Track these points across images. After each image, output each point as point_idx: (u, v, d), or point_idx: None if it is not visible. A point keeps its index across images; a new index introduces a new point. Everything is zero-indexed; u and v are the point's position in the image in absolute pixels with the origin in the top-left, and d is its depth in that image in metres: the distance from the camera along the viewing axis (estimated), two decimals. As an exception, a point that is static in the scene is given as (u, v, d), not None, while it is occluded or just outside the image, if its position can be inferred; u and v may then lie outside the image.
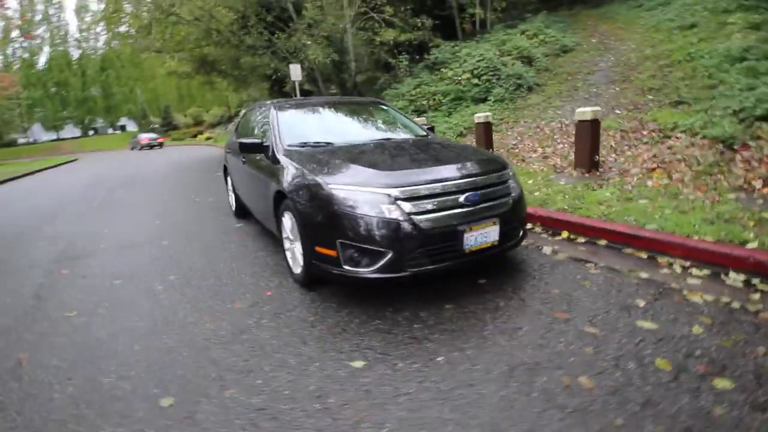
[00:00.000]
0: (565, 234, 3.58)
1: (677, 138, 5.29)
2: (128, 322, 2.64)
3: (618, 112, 7.09)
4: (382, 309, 2.53)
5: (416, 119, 6.23)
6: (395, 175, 2.52)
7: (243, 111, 5.07)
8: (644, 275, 2.71)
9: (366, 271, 2.40)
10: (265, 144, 3.43)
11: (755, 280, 2.48)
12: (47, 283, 3.47)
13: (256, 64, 12.40)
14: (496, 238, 2.57)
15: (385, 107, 4.30)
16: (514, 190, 2.80)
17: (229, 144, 5.09)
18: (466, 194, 2.50)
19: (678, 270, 2.74)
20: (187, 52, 14.30)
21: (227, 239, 4.36)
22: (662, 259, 2.91)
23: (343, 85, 14.89)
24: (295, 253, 2.97)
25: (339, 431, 1.59)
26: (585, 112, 4.58)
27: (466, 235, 2.43)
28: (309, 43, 11.55)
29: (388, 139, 3.54)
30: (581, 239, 3.45)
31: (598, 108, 4.68)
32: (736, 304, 2.27)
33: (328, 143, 3.32)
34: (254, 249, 3.95)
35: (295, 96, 11.36)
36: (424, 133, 3.86)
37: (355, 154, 2.97)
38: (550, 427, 1.53)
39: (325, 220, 2.49)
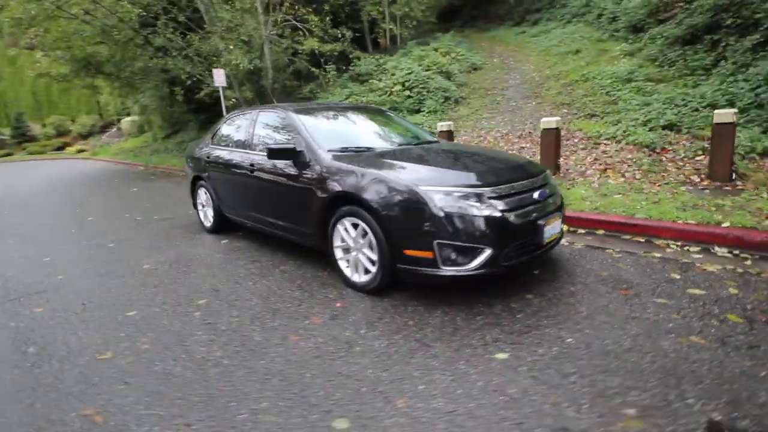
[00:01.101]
0: (565, 227, 4.07)
1: (606, 144, 6.32)
2: (198, 354, 2.30)
3: (545, 122, 8.13)
4: (473, 305, 2.62)
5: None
6: (479, 175, 2.66)
7: (226, 117, 4.65)
8: (657, 255, 3.26)
9: (466, 269, 2.48)
10: (298, 149, 3.25)
11: (736, 251, 3.18)
12: (25, 326, 2.78)
13: (168, 67, 11.22)
14: (559, 229, 2.87)
15: (390, 114, 4.38)
16: (557, 187, 3.14)
17: (204, 155, 4.61)
18: (539, 191, 2.75)
19: (677, 249, 3.35)
20: (70, 51, 12.30)
21: (228, 257, 3.96)
22: (658, 242, 3.52)
23: (261, 93, 14.29)
24: (359, 260, 2.89)
25: (546, 416, 1.67)
26: (550, 121, 5.25)
27: (545, 228, 2.67)
28: (231, 47, 10.89)
29: (420, 144, 3.65)
30: (581, 230, 3.97)
31: (559, 118, 5.40)
32: (740, 270, 2.89)
33: (369, 148, 3.30)
34: (273, 263, 3.67)
35: (223, 104, 10.58)
36: (435, 139, 4.04)
37: (416, 158, 3.02)
38: (709, 376, 1.83)
39: (418, 222, 2.50)
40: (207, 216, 4.85)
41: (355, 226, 2.86)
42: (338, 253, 3.06)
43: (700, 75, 7.75)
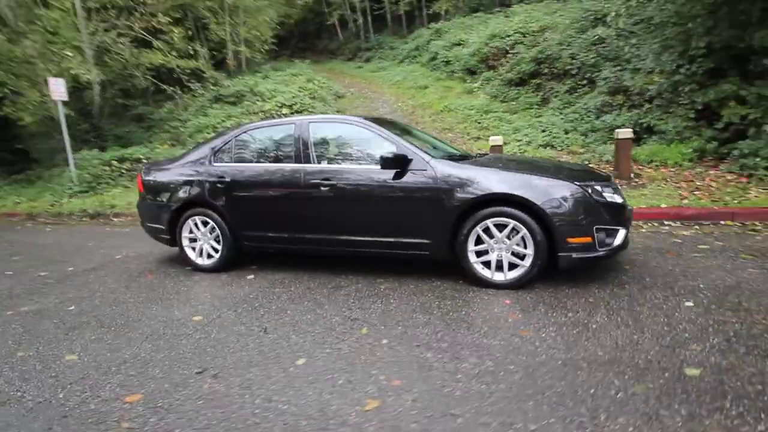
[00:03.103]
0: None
1: (510, 159, 7.83)
2: (472, 369, 2.10)
3: (443, 144, 9.36)
4: (604, 278, 3.15)
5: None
6: (592, 174, 3.26)
7: (235, 131, 3.88)
8: (643, 230, 4.47)
9: (611, 248, 3.00)
10: (409, 157, 3.19)
11: (679, 222, 4.65)
12: (179, 419, 1.90)
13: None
14: (623, 214, 3.70)
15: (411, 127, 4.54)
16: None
17: (209, 175, 3.77)
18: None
19: (645, 225, 4.65)
20: None
21: (292, 291, 3.37)
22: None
23: (85, 113, 11.53)
24: (503, 257, 3.04)
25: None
26: (497, 139, 6.29)
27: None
28: (70, 54, 8.58)
29: (478, 155, 4.00)
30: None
31: (501, 137, 6.49)
32: (700, 233, 4.28)
33: (463, 156, 3.50)
34: (363, 285, 3.35)
35: (63, 122, 8.15)
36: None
37: (520, 163, 3.41)
38: (797, 286, 2.84)
39: (581, 213, 2.90)
40: (205, 252, 3.91)
41: (499, 226, 3.03)
42: (472, 257, 3.13)
43: (537, 109, 10.33)
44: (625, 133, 5.74)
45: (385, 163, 3.12)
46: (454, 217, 3.09)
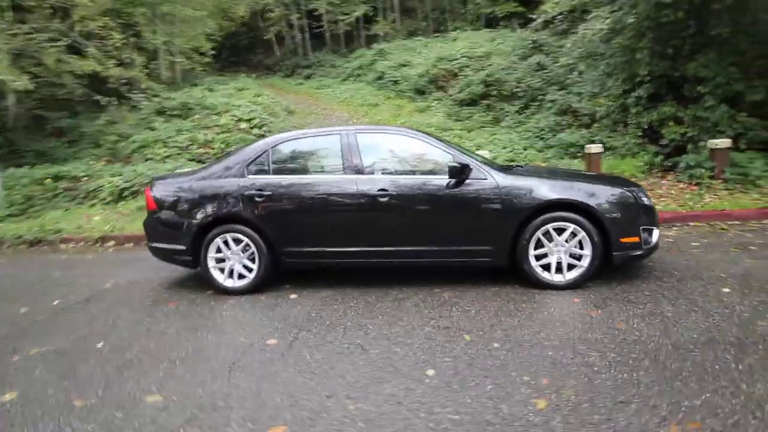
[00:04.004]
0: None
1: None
2: (601, 362, 2.22)
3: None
4: (643, 275, 3.49)
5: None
6: (629, 181, 3.63)
7: (269, 141, 3.64)
8: (632, 232, 5.02)
9: (651, 247, 3.35)
10: (472, 167, 3.28)
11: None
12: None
13: None
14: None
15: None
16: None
17: (245, 188, 3.50)
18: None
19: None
20: None
21: (350, 306, 3.25)
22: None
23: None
24: (562, 259, 3.24)
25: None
26: (485, 153, 6.64)
27: (650, 215, 3.87)
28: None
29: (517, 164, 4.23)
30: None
31: (489, 151, 6.86)
32: (686, 234, 4.92)
33: (514, 165, 3.72)
34: (431, 297, 3.33)
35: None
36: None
37: (561, 173, 3.68)
38: (792, 270, 3.41)
39: (631, 215, 3.22)
40: (236, 272, 3.59)
41: (558, 230, 3.23)
42: (533, 261, 3.29)
43: (491, 127, 11.09)
44: (596, 148, 6.44)
45: (452, 172, 3.18)
46: (518, 224, 3.23)
